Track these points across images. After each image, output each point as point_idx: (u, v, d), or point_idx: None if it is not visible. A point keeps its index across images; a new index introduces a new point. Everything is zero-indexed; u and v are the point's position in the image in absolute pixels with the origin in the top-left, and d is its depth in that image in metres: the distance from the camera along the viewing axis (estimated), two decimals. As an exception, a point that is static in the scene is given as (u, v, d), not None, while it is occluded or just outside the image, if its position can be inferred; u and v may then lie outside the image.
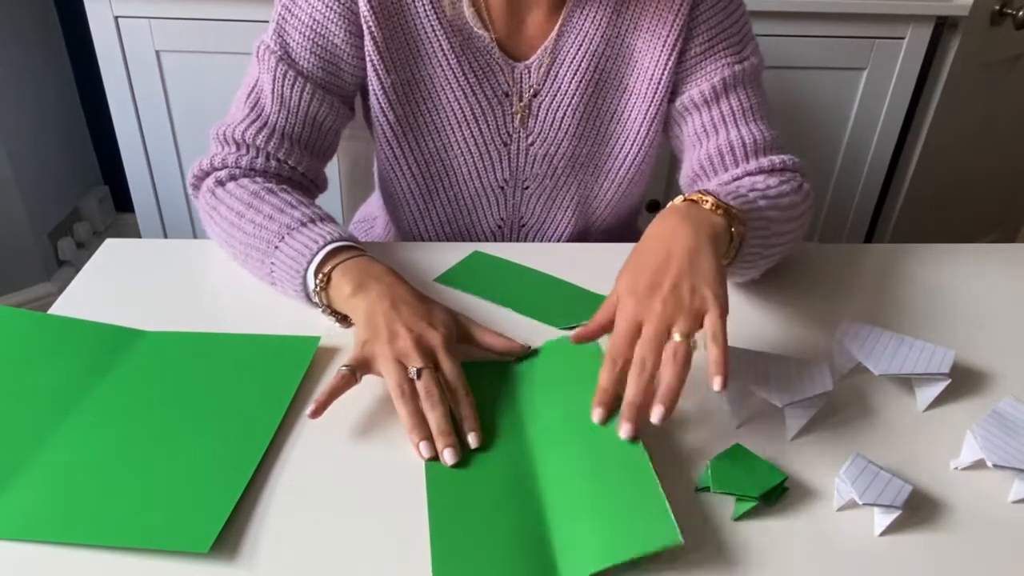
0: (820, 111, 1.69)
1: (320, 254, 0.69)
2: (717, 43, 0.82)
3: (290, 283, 0.70)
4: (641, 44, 0.82)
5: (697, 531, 0.52)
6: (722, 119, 0.82)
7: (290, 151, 0.80)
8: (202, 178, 0.80)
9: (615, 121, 0.86)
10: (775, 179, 0.80)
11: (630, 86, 0.84)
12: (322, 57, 0.79)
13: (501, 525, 0.51)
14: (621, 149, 0.87)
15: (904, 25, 1.58)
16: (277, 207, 0.73)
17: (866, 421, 0.63)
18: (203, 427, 0.58)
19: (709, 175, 0.84)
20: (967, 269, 0.85)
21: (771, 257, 0.74)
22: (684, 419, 0.62)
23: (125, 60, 1.52)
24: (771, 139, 0.83)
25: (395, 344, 0.61)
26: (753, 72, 0.83)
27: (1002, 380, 0.68)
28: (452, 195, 0.89)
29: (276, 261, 0.71)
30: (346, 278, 0.67)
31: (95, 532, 0.49)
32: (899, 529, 0.53)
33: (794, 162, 0.83)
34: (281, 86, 0.79)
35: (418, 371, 0.59)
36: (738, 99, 0.82)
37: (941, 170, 1.86)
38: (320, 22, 0.77)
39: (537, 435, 0.58)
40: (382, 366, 0.61)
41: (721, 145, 0.82)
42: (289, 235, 0.70)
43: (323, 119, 0.82)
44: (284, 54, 0.78)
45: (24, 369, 0.62)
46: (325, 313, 0.69)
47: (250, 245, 0.73)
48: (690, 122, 0.84)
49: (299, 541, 0.50)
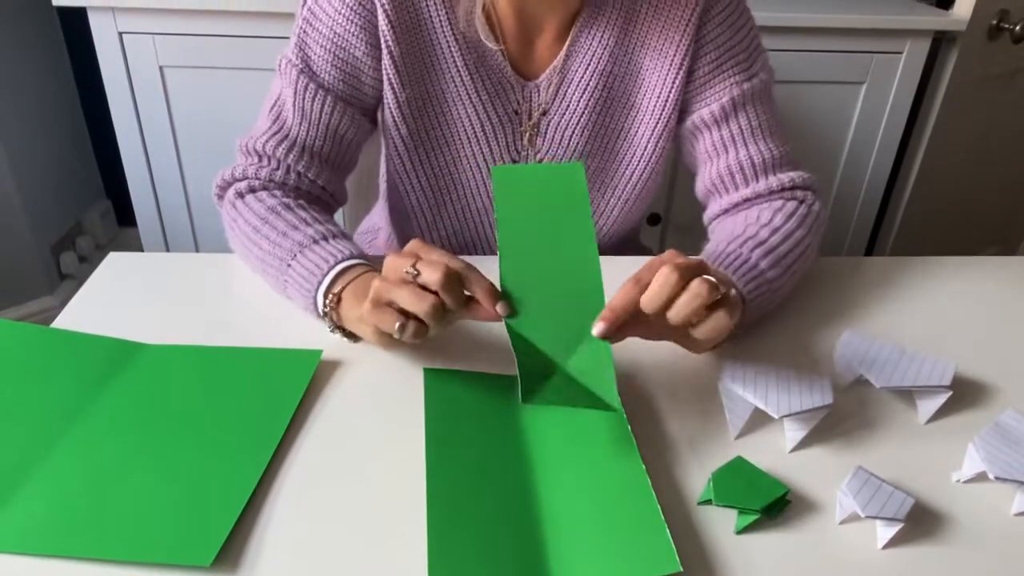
0: (820, 125, 1.70)
1: (330, 274, 0.69)
2: (725, 61, 0.82)
3: (303, 301, 0.71)
4: (648, 62, 0.83)
5: (699, 545, 0.52)
6: (731, 138, 0.83)
7: (310, 164, 0.81)
8: (225, 188, 0.81)
9: (622, 139, 0.87)
10: (784, 206, 0.80)
11: (638, 104, 0.85)
12: (343, 70, 0.80)
13: (500, 547, 0.51)
14: (628, 166, 0.88)
15: (902, 40, 1.60)
16: (292, 224, 0.74)
17: (867, 433, 0.63)
18: (205, 440, 0.58)
19: (721, 193, 0.86)
20: (968, 282, 0.86)
21: (777, 300, 0.75)
22: (684, 432, 0.62)
23: (129, 75, 1.53)
24: (780, 156, 0.84)
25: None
26: (762, 88, 0.84)
27: (1003, 392, 0.69)
28: (461, 207, 0.90)
29: (289, 280, 0.71)
30: (356, 299, 0.67)
31: (97, 545, 0.49)
32: (901, 542, 0.53)
33: (803, 179, 0.83)
34: (303, 99, 0.80)
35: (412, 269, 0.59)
36: (747, 118, 0.83)
37: (941, 183, 1.87)
38: (341, 35, 0.78)
39: (539, 456, 0.58)
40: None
41: (731, 165, 0.84)
42: (301, 253, 0.71)
43: (344, 132, 0.83)
44: (305, 67, 0.79)
45: (26, 382, 0.62)
46: (335, 333, 0.69)
47: (266, 262, 0.74)
48: (701, 141, 0.86)
49: (300, 555, 0.50)
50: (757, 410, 0.61)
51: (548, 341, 0.60)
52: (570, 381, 0.59)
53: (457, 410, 0.62)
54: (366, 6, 0.77)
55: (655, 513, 0.51)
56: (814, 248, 0.81)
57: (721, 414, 0.63)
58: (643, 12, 0.81)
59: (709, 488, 0.54)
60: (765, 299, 0.72)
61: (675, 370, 0.69)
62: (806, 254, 0.78)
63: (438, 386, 0.64)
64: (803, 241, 0.78)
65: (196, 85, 1.55)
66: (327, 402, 0.64)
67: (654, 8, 0.81)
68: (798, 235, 0.77)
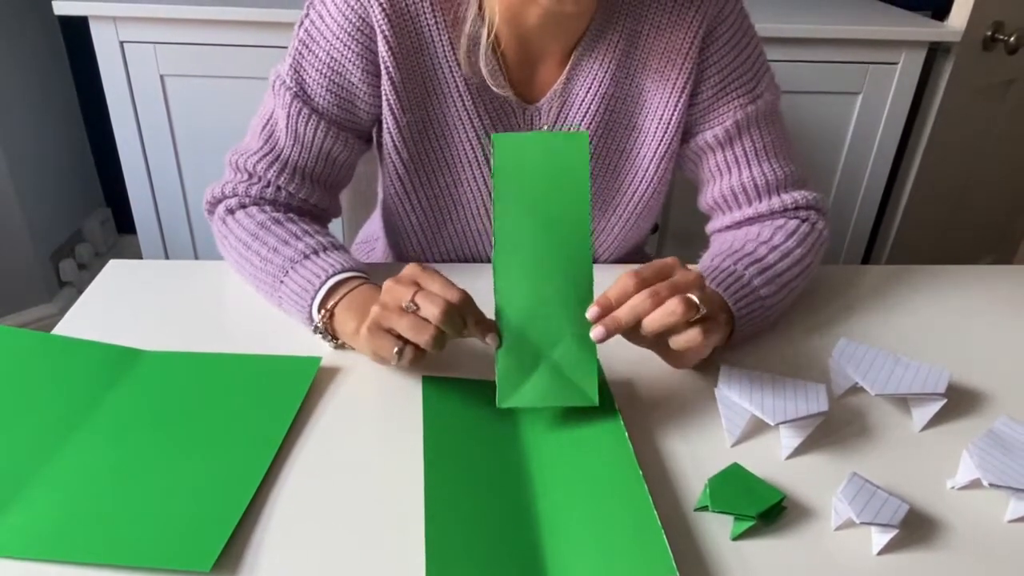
0: (816, 135, 1.71)
1: (323, 289, 0.69)
2: (729, 83, 0.81)
3: (299, 316, 0.71)
4: (650, 84, 0.82)
5: (695, 551, 0.52)
6: (735, 160, 0.83)
7: (301, 185, 0.81)
8: (215, 204, 0.81)
9: (625, 159, 0.86)
10: (786, 224, 0.81)
11: (640, 125, 0.84)
12: (338, 95, 0.79)
13: (498, 554, 0.51)
14: (630, 186, 0.87)
15: (897, 51, 1.61)
16: (282, 239, 0.74)
17: (863, 440, 0.63)
18: (205, 447, 0.58)
19: (724, 210, 0.86)
20: (962, 291, 0.86)
21: (772, 317, 0.75)
22: (681, 438, 0.62)
23: (130, 84, 1.54)
24: (785, 176, 0.83)
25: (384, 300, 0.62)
26: (768, 109, 0.83)
27: (998, 400, 0.69)
28: (460, 228, 0.89)
29: (283, 295, 0.72)
30: (349, 313, 0.68)
31: (97, 551, 0.49)
32: (896, 548, 0.53)
33: (807, 199, 0.83)
34: (296, 123, 0.79)
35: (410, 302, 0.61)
36: (751, 140, 0.82)
37: (937, 193, 1.88)
38: (338, 60, 0.77)
39: (536, 463, 0.58)
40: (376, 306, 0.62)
41: (734, 186, 0.84)
42: (293, 269, 0.71)
43: (337, 155, 0.82)
44: (300, 90, 0.78)
45: (27, 389, 0.63)
46: (333, 346, 0.70)
47: (259, 278, 0.74)
48: (705, 162, 0.85)
49: (299, 561, 0.51)
50: (753, 417, 0.62)
51: (536, 328, 0.61)
52: (553, 373, 0.60)
53: (455, 417, 0.62)
54: (364, 32, 0.76)
55: (652, 519, 0.52)
56: (814, 267, 0.81)
57: (717, 421, 0.64)
58: (645, 34, 0.80)
59: (705, 494, 0.55)
60: (758, 316, 0.72)
61: (672, 377, 0.69)
62: (804, 273, 0.78)
63: (436, 394, 0.64)
64: (802, 260, 0.77)
65: (196, 94, 1.56)
66: (326, 409, 0.64)
67: (656, 30, 0.80)
68: (797, 254, 0.77)
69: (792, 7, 1.70)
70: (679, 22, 0.79)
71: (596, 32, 0.80)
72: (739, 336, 0.71)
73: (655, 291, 0.59)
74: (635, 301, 0.59)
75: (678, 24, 0.79)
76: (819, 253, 0.81)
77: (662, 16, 0.80)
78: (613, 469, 0.56)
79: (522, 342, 0.61)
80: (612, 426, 0.60)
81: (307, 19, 0.78)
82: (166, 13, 1.45)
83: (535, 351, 0.61)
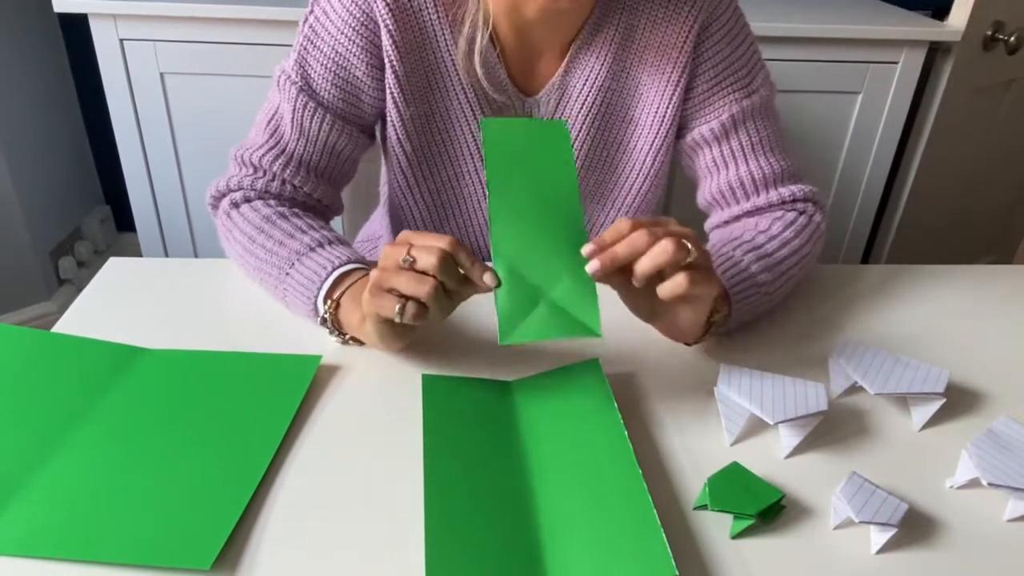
0: (816, 134, 1.71)
1: (329, 280, 0.69)
2: (724, 78, 0.82)
3: (303, 309, 0.71)
4: (646, 78, 0.84)
5: (695, 550, 0.52)
6: (732, 154, 0.84)
7: (306, 178, 0.81)
8: (219, 199, 0.81)
9: (622, 152, 0.87)
10: (784, 215, 0.81)
11: (636, 119, 0.86)
12: (343, 89, 0.80)
13: (497, 552, 0.51)
14: (628, 179, 0.88)
15: (898, 50, 1.61)
16: (288, 232, 0.74)
17: (862, 440, 0.63)
18: (205, 445, 0.58)
19: (722, 206, 0.87)
20: (962, 290, 0.86)
21: (770, 304, 0.76)
22: (680, 437, 0.62)
23: (129, 81, 1.54)
24: (782, 170, 0.84)
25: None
26: (763, 104, 0.84)
27: (997, 399, 0.69)
28: (463, 221, 0.90)
29: (288, 288, 0.72)
30: (355, 304, 0.67)
31: (97, 548, 0.49)
32: (895, 547, 0.53)
33: (804, 192, 0.84)
34: (301, 116, 0.79)
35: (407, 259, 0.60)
36: (747, 134, 0.83)
37: (936, 192, 1.88)
38: (342, 54, 0.78)
39: (536, 461, 0.59)
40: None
41: (731, 180, 0.84)
42: (299, 261, 0.71)
43: (342, 148, 0.83)
44: (305, 84, 0.79)
45: (26, 386, 0.63)
46: (338, 340, 0.70)
47: (264, 271, 0.74)
48: (701, 156, 0.86)
49: (299, 558, 0.51)
50: (753, 416, 0.62)
51: (534, 270, 0.61)
52: (553, 309, 0.60)
53: (455, 415, 0.62)
54: (369, 26, 0.77)
55: (651, 518, 0.52)
56: (812, 257, 0.81)
57: (717, 420, 0.64)
58: (641, 29, 0.82)
59: (705, 493, 0.55)
60: (754, 301, 0.72)
61: (672, 376, 0.69)
62: (802, 263, 0.79)
63: (436, 391, 0.64)
64: (800, 250, 0.78)
65: (196, 91, 1.56)
66: (326, 407, 0.64)
67: (652, 25, 0.81)
68: (795, 244, 0.78)
69: (792, 6, 1.70)
70: (674, 17, 0.80)
71: (593, 26, 0.81)
72: (736, 320, 0.71)
73: (651, 231, 0.60)
74: (632, 237, 0.59)
75: (673, 19, 0.80)
76: (817, 244, 0.82)
77: (658, 11, 0.81)
78: (612, 467, 0.56)
79: (521, 281, 0.61)
80: (611, 424, 0.60)
81: (312, 15, 0.79)
82: (166, 11, 1.45)
83: (534, 289, 0.61)
